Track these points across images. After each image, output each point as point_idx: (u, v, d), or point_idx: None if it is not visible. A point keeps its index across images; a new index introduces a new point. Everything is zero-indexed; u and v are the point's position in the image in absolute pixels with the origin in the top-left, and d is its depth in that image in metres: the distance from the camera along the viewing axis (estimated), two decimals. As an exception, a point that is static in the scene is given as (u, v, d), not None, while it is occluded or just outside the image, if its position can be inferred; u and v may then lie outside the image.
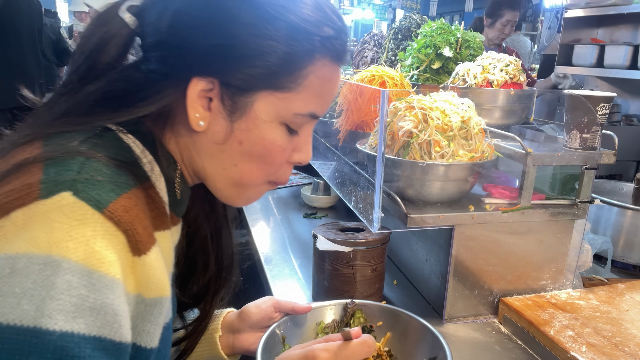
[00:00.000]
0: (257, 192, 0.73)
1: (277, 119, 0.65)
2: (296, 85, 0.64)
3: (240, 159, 0.67)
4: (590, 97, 1.12)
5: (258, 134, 0.65)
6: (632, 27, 2.84)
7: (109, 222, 0.51)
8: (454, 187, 1.10)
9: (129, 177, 0.57)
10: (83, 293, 0.47)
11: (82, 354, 0.46)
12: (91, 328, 0.48)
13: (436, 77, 1.66)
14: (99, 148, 0.57)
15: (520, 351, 1.06)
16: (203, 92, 0.62)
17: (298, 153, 0.71)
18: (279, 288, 1.36)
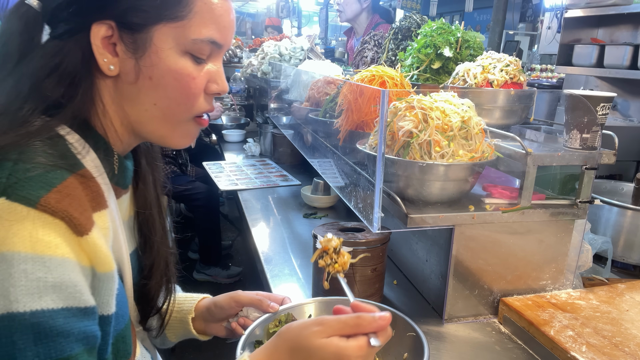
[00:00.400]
0: (187, 130, 0.77)
1: (177, 48, 0.69)
2: (187, 12, 0.69)
3: (157, 97, 0.71)
4: (590, 97, 1.12)
5: (164, 66, 0.69)
6: (632, 27, 2.84)
7: (45, 214, 0.56)
8: (454, 187, 1.10)
9: (58, 171, 0.61)
10: (40, 275, 0.55)
11: (56, 324, 0.55)
12: (57, 302, 0.56)
13: (436, 77, 1.66)
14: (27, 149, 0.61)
15: (520, 351, 1.06)
16: (106, 39, 0.67)
17: (214, 84, 0.75)
18: (279, 288, 1.36)
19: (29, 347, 0.53)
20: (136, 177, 0.86)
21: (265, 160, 2.89)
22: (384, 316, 0.68)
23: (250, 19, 11.36)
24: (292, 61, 3.08)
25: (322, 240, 0.90)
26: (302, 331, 0.68)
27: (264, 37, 4.68)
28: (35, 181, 0.58)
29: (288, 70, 2.55)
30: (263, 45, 3.40)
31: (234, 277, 3.27)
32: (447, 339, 1.10)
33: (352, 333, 0.67)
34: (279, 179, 2.47)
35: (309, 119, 1.84)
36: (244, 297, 0.99)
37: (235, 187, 2.32)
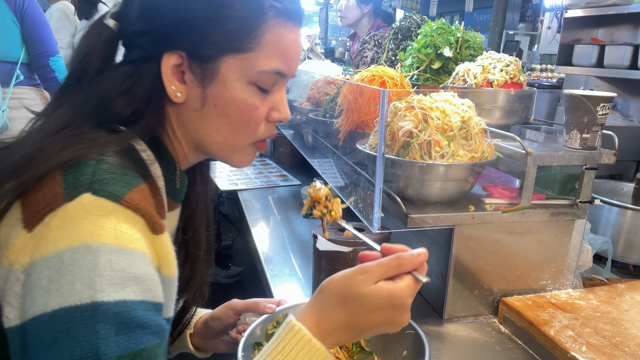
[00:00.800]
0: (247, 153, 0.80)
1: (243, 79, 0.72)
2: (255, 45, 0.71)
3: (220, 123, 0.74)
4: (590, 97, 1.12)
5: (229, 96, 0.72)
6: (632, 27, 2.84)
7: (128, 210, 0.59)
8: (454, 187, 1.10)
9: (135, 175, 0.64)
10: (124, 267, 0.56)
11: (137, 315, 0.56)
12: (137, 294, 0.57)
13: (436, 77, 1.66)
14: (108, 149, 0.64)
15: (520, 351, 1.06)
16: (175, 67, 0.71)
17: (276, 112, 0.77)
18: (279, 288, 1.36)
19: (111, 337, 0.53)
20: (188, 193, 0.87)
21: (265, 160, 2.89)
22: (421, 252, 0.68)
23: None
24: (292, 61, 3.07)
25: (310, 190, 0.88)
26: (348, 282, 0.66)
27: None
28: (118, 180, 0.61)
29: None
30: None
31: (233, 277, 3.27)
32: (447, 339, 1.10)
33: (396, 274, 0.67)
34: (279, 179, 2.47)
35: (309, 119, 1.84)
36: (239, 304, 1.00)
37: (235, 187, 2.32)
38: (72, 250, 0.55)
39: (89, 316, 0.53)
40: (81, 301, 0.53)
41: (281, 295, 1.31)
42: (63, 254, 0.55)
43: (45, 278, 0.54)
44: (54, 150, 0.62)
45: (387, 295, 0.65)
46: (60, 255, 0.55)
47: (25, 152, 0.63)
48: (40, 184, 0.59)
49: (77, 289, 0.54)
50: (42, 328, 0.53)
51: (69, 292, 0.54)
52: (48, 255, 0.55)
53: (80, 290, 0.54)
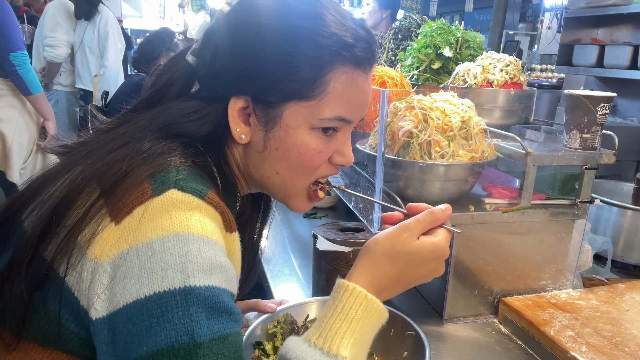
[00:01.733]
0: (304, 199, 0.81)
1: (306, 125, 0.73)
2: (319, 93, 0.71)
3: (280, 167, 0.76)
4: (590, 97, 1.12)
5: (291, 140, 0.73)
6: (632, 27, 2.84)
7: (210, 206, 0.63)
8: (454, 187, 1.10)
9: (209, 181, 0.69)
10: (211, 255, 0.59)
11: (224, 301, 0.58)
12: (222, 282, 0.59)
13: (436, 77, 1.66)
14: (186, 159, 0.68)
15: (520, 351, 1.06)
16: (241, 110, 0.73)
17: (340, 156, 0.79)
18: (279, 288, 1.36)
19: (203, 320, 0.55)
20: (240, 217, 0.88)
21: (265, 160, 2.88)
22: (448, 206, 0.74)
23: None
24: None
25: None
26: (394, 240, 0.71)
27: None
28: (197, 182, 0.65)
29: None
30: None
31: None
32: (447, 339, 1.10)
33: (432, 227, 0.73)
34: (279, 179, 2.47)
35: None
36: (240, 304, 1.00)
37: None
38: (162, 239, 0.57)
39: (183, 300, 0.55)
40: (174, 286, 0.55)
41: (281, 295, 1.31)
42: (154, 243, 0.57)
43: (137, 267, 0.56)
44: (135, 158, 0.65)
45: (432, 249, 0.71)
46: (151, 244, 0.57)
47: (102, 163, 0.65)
48: (125, 184, 0.62)
49: (170, 274, 0.56)
50: (135, 314, 0.55)
51: (162, 278, 0.56)
52: (138, 245, 0.57)
53: (173, 276, 0.56)
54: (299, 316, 1.01)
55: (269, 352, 0.92)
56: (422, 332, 0.90)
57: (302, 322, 1.00)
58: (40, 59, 3.81)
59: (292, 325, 0.97)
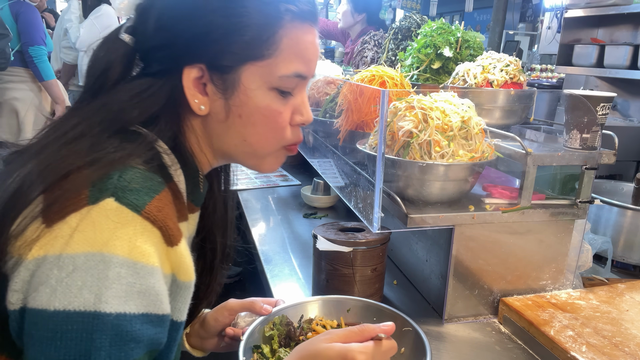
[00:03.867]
0: (277, 157, 0.80)
1: (265, 86, 0.72)
2: (273, 51, 0.71)
3: (246, 133, 0.74)
4: (590, 97, 1.12)
5: (252, 105, 0.72)
6: (632, 27, 2.84)
7: (146, 222, 0.60)
8: (454, 187, 1.10)
9: (159, 180, 0.66)
10: (131, 281, 0.58)
11: (133, 328, 0.58)
12: (139, 307, 0.59)
13: (436, 77, 1.66)
14: (132, 156, 0.65)
15: (520, 351, 1.06)
16: (196, 80, 0.71)
17: (298, 115, 0.77)
18: (279, 288, 1.36)
19: (104, 347, 0.56)
20: (207, 197, 0.87)
21: (265, 160, 2.89)
22: (387, 324, 0.76)
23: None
24: (292, 61, 3.08)
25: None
26: (312, 341, 0.75)
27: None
28: (142, 188, 0.62)
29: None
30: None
31: (233, 277, 3.27)
32: (447, 339, 1.11)
33: (358, 340, 0.74)
34: (279, 179, 2.47)
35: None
36: (236, 304, 1.00)
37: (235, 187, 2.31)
38: (86, 256, 0.57)
39: (89, 324, 0.55)
40: (85, 308, 0.55)
41: (281, 295, 1.31)
42: (77, 258, 0.56)
43: (55, 278, 0.56)
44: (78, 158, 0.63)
45: (339, 350, 0.71)
46: (74, 258, 0.56)
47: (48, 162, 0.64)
48: (65, 186, 0.61)
49: (84, 295, 0.56)
50: (41, 322, 0.56)
51: (75, 297, 0.56)
52: (62, 254, 0.57)
53: (86, 298, 0.56)
54: (295, 317, 1.01)
55: (268, 355, 0.92)
56: (420, 329, 0.90)
57: (297, 322, 1.00)
58: (58, 60, 3.88)
59: (289, 326, 0.97)
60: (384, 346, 0.74)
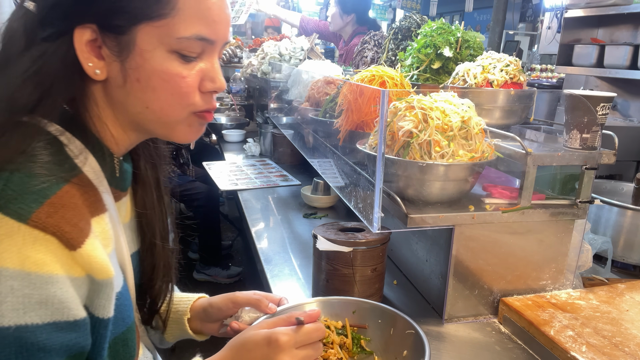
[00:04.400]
0: (190, 126, 0.75)
1: (163, 48, 0.67)
2: (169, 10, 0.66)
3: (147, 99, 0.70)
4: (590, 97, 1.12)
5: (149, 67, 0.68)
6: (632, 27, 2.84)
7: (35, 230, 0.57)
8: (454, 187, 1.10)
9: (54, 181, 0.61)
10: (27, 292, 0.56)
11: (39, 339, 0.57)
12: (43, 317, 0.57)
13: (436, 77, 1.66)
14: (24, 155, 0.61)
15: (520, 351, 1.06)
16: (90, 43, 0.66)
17: (209, 82, 0.72)
18: (279, 288, 1.36)
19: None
20: (135, 179, 0.85)
21: (265, 160, 2.89)
22: (313, 309, 0.82)
23: (251, 19, 11.35)
24: (292, 61, 3.08)
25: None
26: (243, 331, 0.80)
27: (263, 37, 4.68)
28: (30, 193, 0.58)
29: (288, 70, 2.55)
30: (263, 45, 3.40)
31: (234, 277, 3.27)
32: (447, 339, 1.10)
33: (282, 325, 0.80)
34: (279, 179, 2.47)
35: (309, 119, 1.84)
36: (242, 298, 0.99)
37: (235, 187, 2.32)
38: None
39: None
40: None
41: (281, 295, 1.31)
42: None
43: None
44: None
45: (264, 335, 0.76)
46: None
47: None
48: None
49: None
50: None
51: None
52: None
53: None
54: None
55: None
56: (422, 331, 0.90)
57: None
58: None
59: None
60: (306, 328, 0.78)
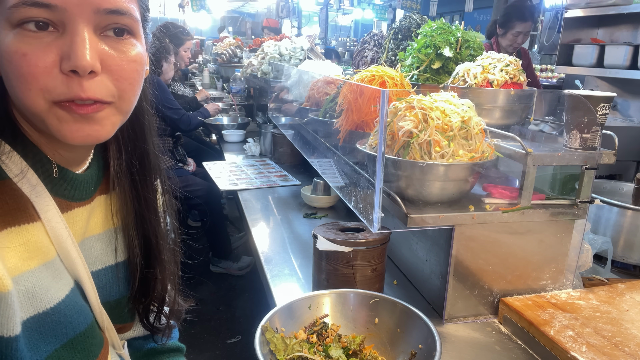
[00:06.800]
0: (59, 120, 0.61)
1: (5, 25, 0.58)
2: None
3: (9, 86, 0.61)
4: (590, 97, 1.12)
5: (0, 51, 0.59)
6: (632, 27, 2.84)
7: None
8: (454, 187, 1.10)
9: None
10: None
11: None
12: None
13: (436, 77, 1.66)
14: None
15: (520, 351, 1.06)
16: None
17: (66, 60, 0.58)
18: (279, 288, 1.36)
19: None
20: (114, 185, 0.79)
21: (265, 160, 2.89)
22: None
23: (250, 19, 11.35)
24: (292, 61, 3.08)
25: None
26: None
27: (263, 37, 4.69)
28: None
29: (288, 70, 2.55)
30: (263, 45, 3.40)
31: (244, 268, 3.28)
32: (447, 339, 1.10)
33: None
34: (279, 179, 2.47)
35: (309, 119, 1.84)
36: None
37: (235, 187, 2.32)
38: None
39: None
40: None
41: (281, 295, 1.31)
42: None
43: None
44: None
45: None
46: None
47: None
48: None
49: None
50: None
51: None
52: None
53: None
54: (318, 306, 1.03)
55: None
56: (435, 329, 0.91)
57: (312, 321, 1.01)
58: None
59: None
60: None
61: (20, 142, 0.65)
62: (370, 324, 1.02)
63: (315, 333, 0.99)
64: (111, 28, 0.62)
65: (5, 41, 0.58)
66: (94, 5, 0.59)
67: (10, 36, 0.58)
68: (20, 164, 0.63)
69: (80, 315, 0.69)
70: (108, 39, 0.62)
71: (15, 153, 0.63)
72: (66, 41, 0.58)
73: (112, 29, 0.62)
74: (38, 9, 0.57)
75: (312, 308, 1.03)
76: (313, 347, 0.94)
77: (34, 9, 0.57)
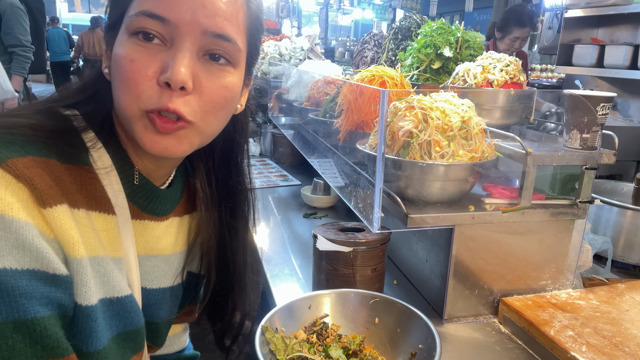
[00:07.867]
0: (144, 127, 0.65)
1: (125, 31, 0.64)
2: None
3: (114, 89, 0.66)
4: (590, 97, 1.12)
5: (114, 53, 0.65)
6: (632, 27, 2.84)
7: (8, 175, 0.54)
8: (454, 187, 1.10)
9: (45, 151, 0.60)
10: (2, 235, 0.52)
11: (20, 284, 0.52)
12: (21, 263, 0.52)
13: (436, 77, 1.66)
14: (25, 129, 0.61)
15: (520, 351, 1.06)
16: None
17: (163, 72, 0.63)
18: (279, 288, 1.36)
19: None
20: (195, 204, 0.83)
21: (265, 160, 2.89)
22: None
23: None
24: (292, 61, 3.08)
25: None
26: None
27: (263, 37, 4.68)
28: (16, 146, 0.57)
29: (288, 70, 2.55)
30: (263, 45, 3.40)
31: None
32: (447, 339, 1.10)
33: None
34: (279, 179, 2.47)
35: (309, 119, 1.84)
36: None
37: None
38: None
39: None
40: None
41: (281, 295, 1.31)
42: None
43: None
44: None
45: None
46: None
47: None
48: None
49: None
50: None
51: None
52: None
53: None
54: (319, 306, 1.03)
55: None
56: (435, 329, 0.91)
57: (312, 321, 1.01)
58: None
59: None
60: None
61: (113, 143, 0.69)
62: (370, 324, 1.02)
63: (315, 333, 0.99)
64: (214, 52, 0.66)
65: (120, 46, 0.64)
66: (203, 26, 0.63)
67: (125, 42, 0.63)
68: (108, 162, 0.67)
69: (137, 315, 0.71)
70: (207, 62, 0.66)
71: (105, 151, 0.67)
72: (169, 55, 0.63)
73: (214, 53, 0.66)
74: (154, 20, 0.62)
75: (312, 308, 1.03)
76: (313, 347, 0.94)
77: (150, 20, 0.62)
